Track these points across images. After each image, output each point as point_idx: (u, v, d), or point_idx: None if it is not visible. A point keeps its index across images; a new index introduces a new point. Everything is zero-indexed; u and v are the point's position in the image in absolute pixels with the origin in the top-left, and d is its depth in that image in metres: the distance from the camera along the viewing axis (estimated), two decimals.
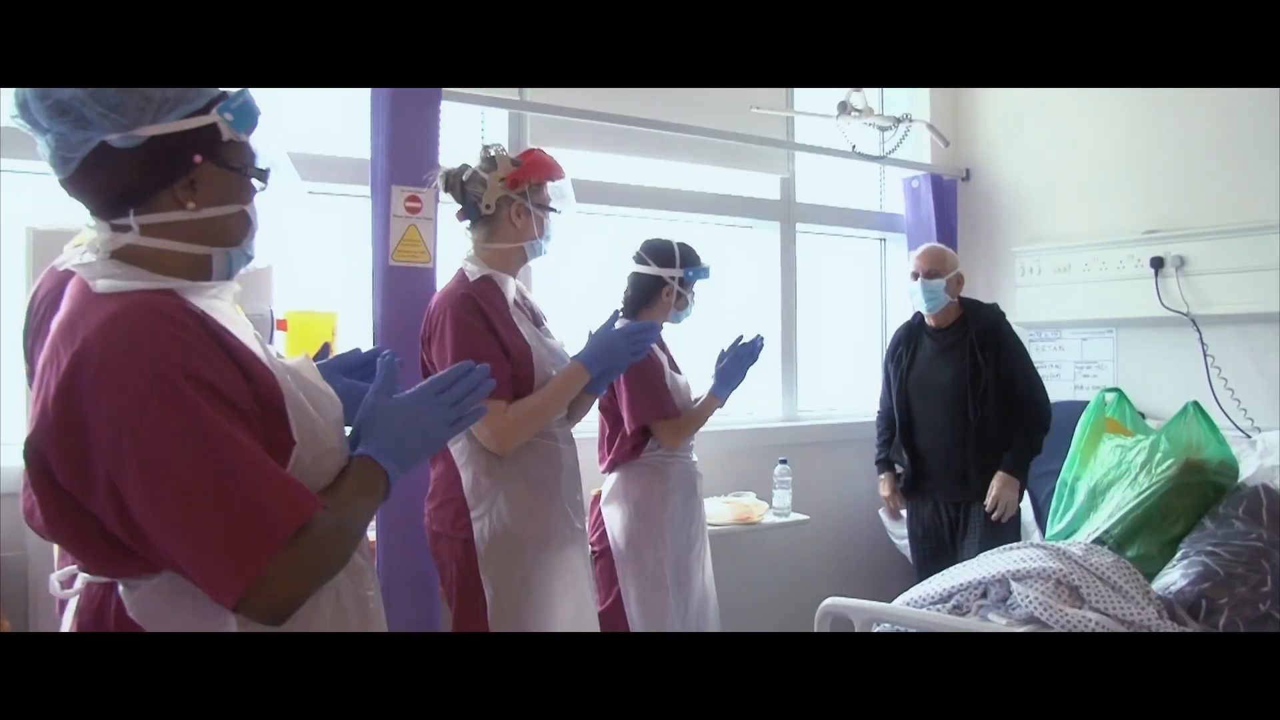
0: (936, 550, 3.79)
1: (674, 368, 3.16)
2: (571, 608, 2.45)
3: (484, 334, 2.34)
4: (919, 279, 3.76)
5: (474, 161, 2.48)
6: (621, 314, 3.12)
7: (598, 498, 3.13)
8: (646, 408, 3.00)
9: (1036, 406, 3.68)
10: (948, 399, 3.70)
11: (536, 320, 2.57)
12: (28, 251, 2.46)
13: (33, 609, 2.63)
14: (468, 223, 2.51)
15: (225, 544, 1.18)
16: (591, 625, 2.54)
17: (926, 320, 3.86)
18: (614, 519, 3.06)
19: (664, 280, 3.10)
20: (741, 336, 3.18)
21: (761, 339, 3.19)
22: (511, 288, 2.49)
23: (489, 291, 2.42)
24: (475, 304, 2.37)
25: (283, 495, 1.22)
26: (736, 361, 3.14)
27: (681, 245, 3.14)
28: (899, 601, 2.94)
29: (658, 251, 3.12)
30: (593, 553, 2.93)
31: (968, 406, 3.66)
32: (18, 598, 2.60)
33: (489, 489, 2.39)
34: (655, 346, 2.56)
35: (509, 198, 2.44)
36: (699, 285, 3.18)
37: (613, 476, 3.11)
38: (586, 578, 2.55)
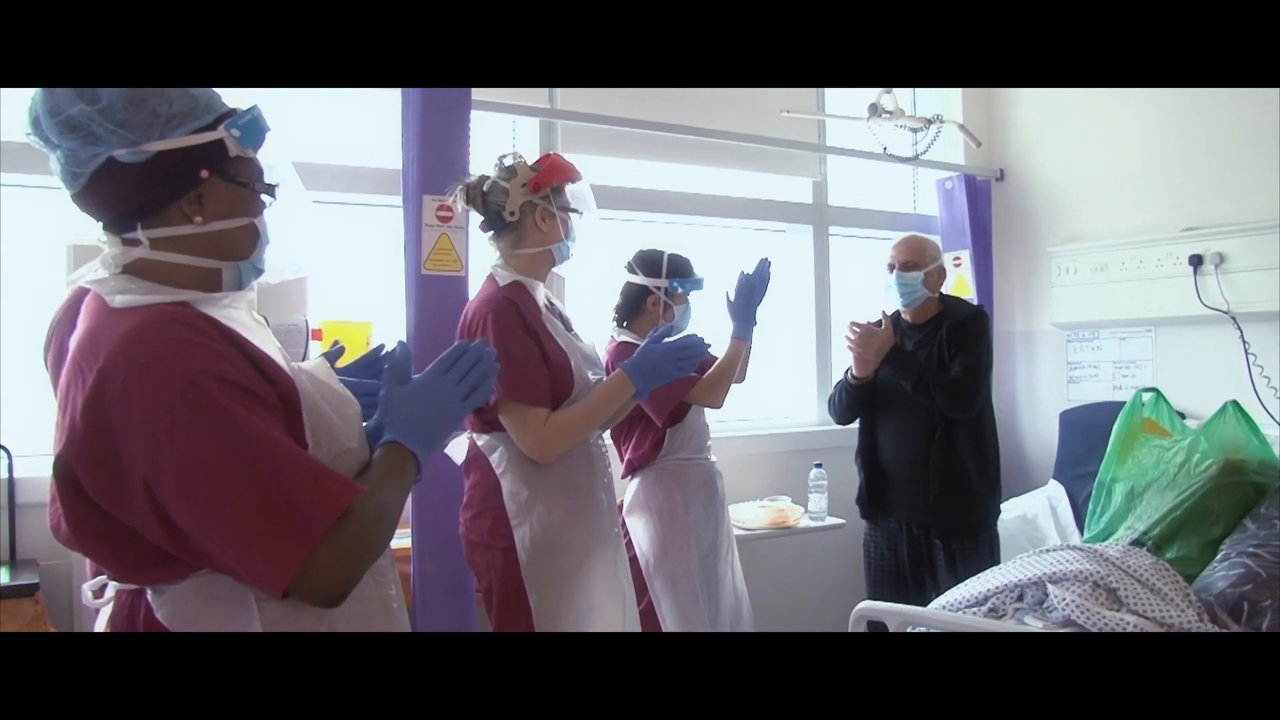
0: (893, 575, 3.55)
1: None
2: (618, 611, 2.45)
3: (524, 338, 2.36)
4: (894, 271, 3.52)
5: (491, 173, 2.50)
6: (615, 323, 3.13)
7: (619, 507, 3.11)
8: (667, 391, 2.90)
9: (960, 385, 3.33)
10: (913, 405, 3.41)
11: (566, 326, 2.58)
12: (69, 268, 2.50)
13: (77, 617, 2.68)
14: (492, 233, 2.53)
15: (266, 538, 1.21)
16: (634, 627, 2.54)
17: (903, 317, 3.64)
18: (638, 528, 3.05)
19: (649, 290, 3.10)
20: (743, 271, 3.10)
21: (767, 260, 3.10)
22: (541, 294, 2.51)
23: (522, 296, 2.44)
24: (515, 307, 2.39)
25: (320, 486, 1.25)
26: (744, 295, 3.08)
27: (673, 256, 3.12)
28: (934, 605, 2.92)
29: (646, 261, 3.12)
30: None
31: (933, 414, 3.40)
32: (63, 605, 2.65)
33: (528, 497, 2.40)
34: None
35: (533, 202, 2.45)
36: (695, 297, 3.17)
37: (633, 484, 3.10)
38: (627, 580, 2.54)
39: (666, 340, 2.44)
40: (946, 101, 4.91)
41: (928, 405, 3.37)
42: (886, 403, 3.52)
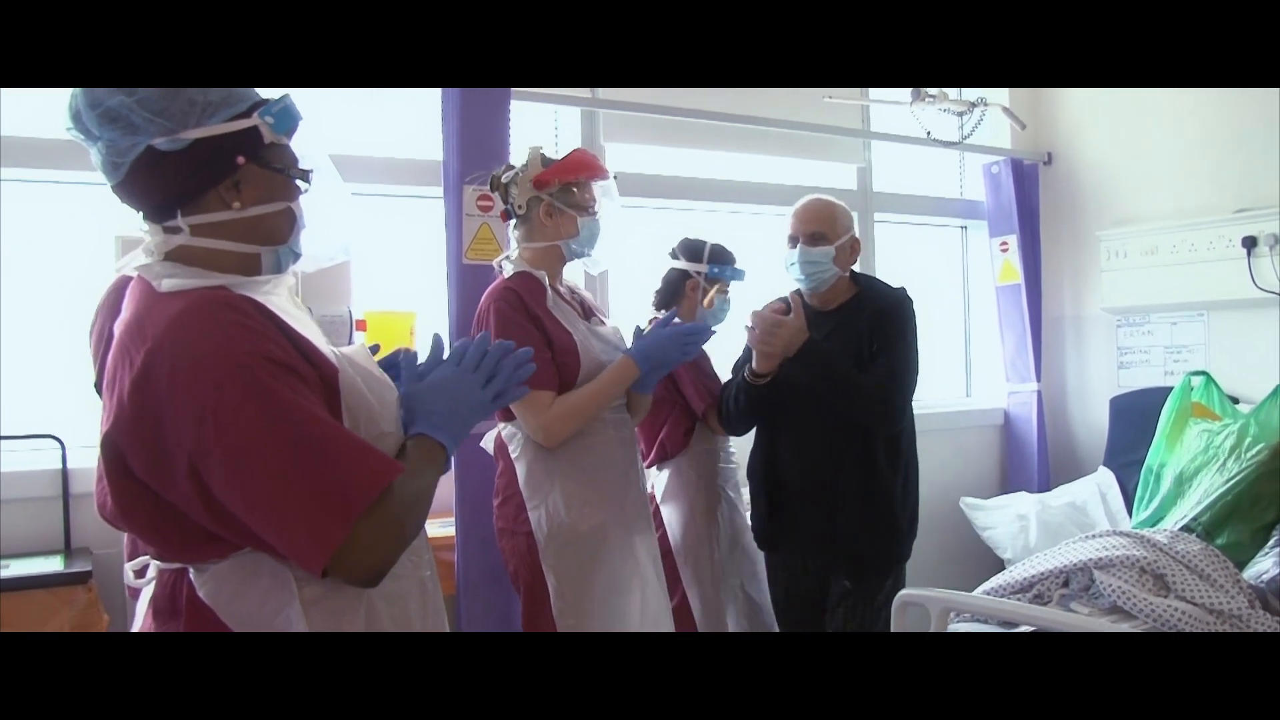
0: (797, 614, 2.90)
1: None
2: (638, 594, 2.46)
3: (526, 324, 2.39)
4: (797, 245, 2.81)
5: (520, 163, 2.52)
6: (654, 307, 3.13)
7: (651, 497, 3.05)
8: (709, 390, 2.97)
9: (885, 396, 2.65)
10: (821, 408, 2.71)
11: (587, 312, 2.59)
12: (117, 259, 2.55)
13: (129, 604, 2.73)
14: (513, 222, 2.56)
15: (309, 515, 1.25)
16: (661, 612, 2.53)
17: (807, 300, 2.85)
18: (672, 518, 3.01)
19: (689, 274, 3.09)
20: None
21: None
22: (548, 281, 2.51)
23: (528, 284, 2.46)
24: (516, 295, 2.42)
25: (363, 464, 1.29)
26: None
27: (715, 245, 3.11)
28: (978, 591, 2.90)
29: (688, 247, 3.11)
30: None
31: (848, 422, 2.70)
32: (116, 592, 2.71)
33: (544, 481, 2.43)
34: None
35: (538, 198, 2.48)
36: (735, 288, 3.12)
37: (664, 474, 3.07)
38: (653, 565, 2.54)
39: (671, 326, 2.46)
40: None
41: (844, 416, 2.69)
42: (789, 406, 2.78)
